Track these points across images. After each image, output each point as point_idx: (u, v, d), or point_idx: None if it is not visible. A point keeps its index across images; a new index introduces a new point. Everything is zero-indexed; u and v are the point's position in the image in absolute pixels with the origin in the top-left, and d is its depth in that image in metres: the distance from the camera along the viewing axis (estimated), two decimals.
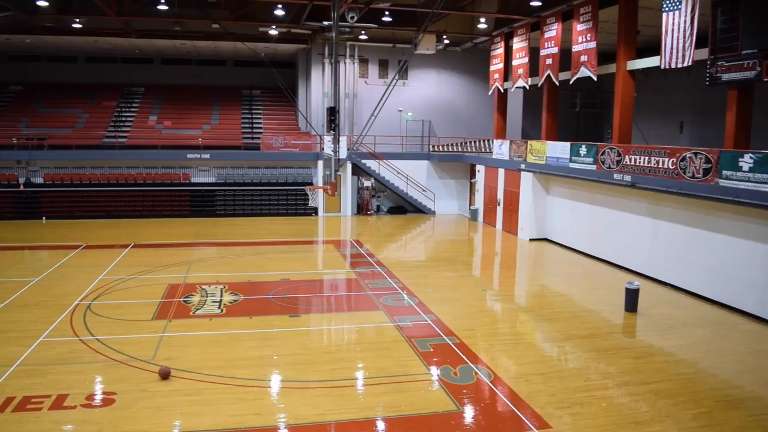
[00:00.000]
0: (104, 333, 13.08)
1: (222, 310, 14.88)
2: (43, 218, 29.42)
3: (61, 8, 26.88)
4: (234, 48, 33.80)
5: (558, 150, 22.81)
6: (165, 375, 10.63)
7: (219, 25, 26.82)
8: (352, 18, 24.49)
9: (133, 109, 35.66)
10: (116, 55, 36.94)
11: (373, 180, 31.82)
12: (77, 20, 28.04)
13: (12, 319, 14.19)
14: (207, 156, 30.99)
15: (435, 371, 11.13)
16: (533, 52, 26.14)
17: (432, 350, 12.18)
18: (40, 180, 30.50)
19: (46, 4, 25.24)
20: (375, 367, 11.33)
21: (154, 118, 34.92)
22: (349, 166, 30.89)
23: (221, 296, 16.11)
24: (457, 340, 12.74)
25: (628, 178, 18.58)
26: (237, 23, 28.17)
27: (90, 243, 23.61)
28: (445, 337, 12.93)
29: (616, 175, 19.18)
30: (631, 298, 15.12)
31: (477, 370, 11.15)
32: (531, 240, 24.75)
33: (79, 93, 36.11)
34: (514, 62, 27.57)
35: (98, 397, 10.02)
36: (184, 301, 15.57)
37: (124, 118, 34.67)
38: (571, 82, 23.30)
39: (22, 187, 29.85)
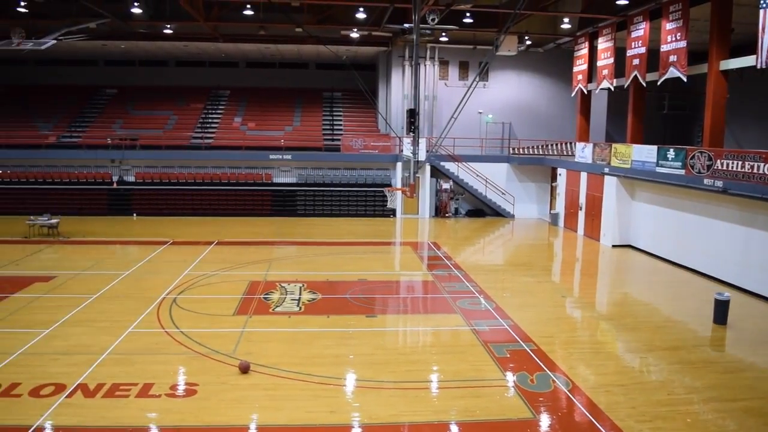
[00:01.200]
0: (188, 326, 13.60)
1: (300, 308, 15.19)
2: (134, 215, 30.89)
3: (154, 15, 28.11)
4: (316, 51, 34.45)
5: (644, 154, 22.04)
6: (245, 369, 10.95)
7: (302, 29, 27.38)
8: (433, 20, 24.47)
9: (219, 111, 36.90)
10: (204, 59, 38.33)
11: (451, 182, 31.70)
12: (168, 26, 29.27)
13: (104, 309, 14.97)
14: (288, 157, 31.73)
15: (511, 377, 10.98)
16: (619, 53, 25.39)
17: (508, 356, 12.02)
18: (131, 178, 32.06)
19: (140, 11, 26.48)
20: (450, 370, 11.29)
21: (239, 120, 36.01)
22: (428, 168, 30.89)
23: (300, 294, 16.44)
24: (534, 347, 12.52)
25: (719, 183, 17.75)
26: (319, 27, 28.68)
27: (176, 239, 24.59)
28: (522, 343, 12.74)
29: (706, 181, 18.35)
30: (721, 310, 14.41)
31: (554, 378, 10.93)
32: (614, 246, 24.02)
33: (169, 96, 37.68)
34: (599, 63, 26.85)
35: (181, 387, 10.43)
36: (264, 298, 15.98)
37: (210, 120, 35.92)
38: (658, 83, 22.49)
39: (115, 185, 31.45)
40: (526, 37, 30.69)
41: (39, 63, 38.66)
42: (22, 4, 24.23)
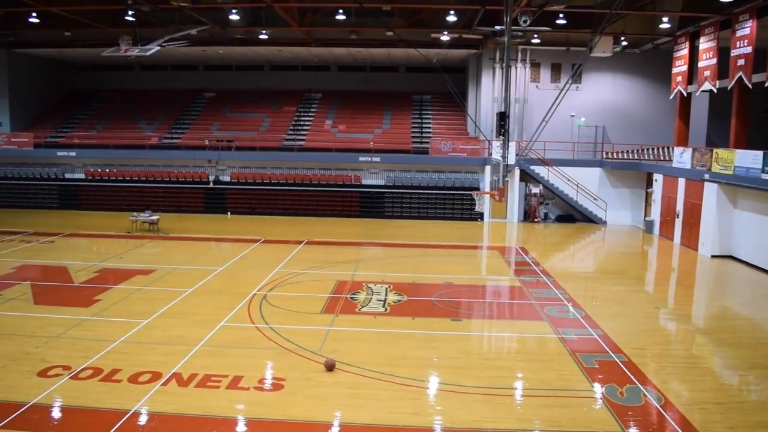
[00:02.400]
0: (277, 322, 13.99)
1: (386, 309, 15.31)
2: (228, 213, 32.09)
3: (251, 21, 29.12)
4: (406, 54, 34.64)
5: (749, 159, 20.83)
6: (330, 367, 11.15)
7: (393, 33, 27.61)
8: (524, 22, 24.09)
9: (310, 114, 37.73)
10: (297, 63, 39.32)
11: (541, 187, 31.09)
12: (264, 32, 30.24)
13: (199, 303, 15.64)
14: (377, 159, 32.08)
15: (599, 389, 10.66)
16: (722, 53, 24.13)
17: (597, 366, 11.67)
18: (227, 178, 33.32)
19: (237, 18, 27.48)
20: (536, 378, 11.08)
21: (330, 123, 36.70)
22: (517, 171, 30.44)
23: (386, 295, 16.57)
24: (625, 359, 12.08)
25: None
26: (410, 30, 28.84)
27: (268, 238, 25.34)
28: (612, 354, 12.33)
29: None
30: None
31: (646, 392, 10.52)
32: (713, 257, 22.83)
33: (263, 99, 38.87)
34: (700, 64, 25.63)
35: (268, 381, 10.74)
36: (351, 298, 16.22)
37: (302, 123, 36.79)
38: (766, 85, 21.22)
39: (211, 185, 32.76)
40: (622, 38, 29.70)
41: (144, 68, 40.87)
42: (130, 13, 25.67)
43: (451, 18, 27.30)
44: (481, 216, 31.23)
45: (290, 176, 32.80)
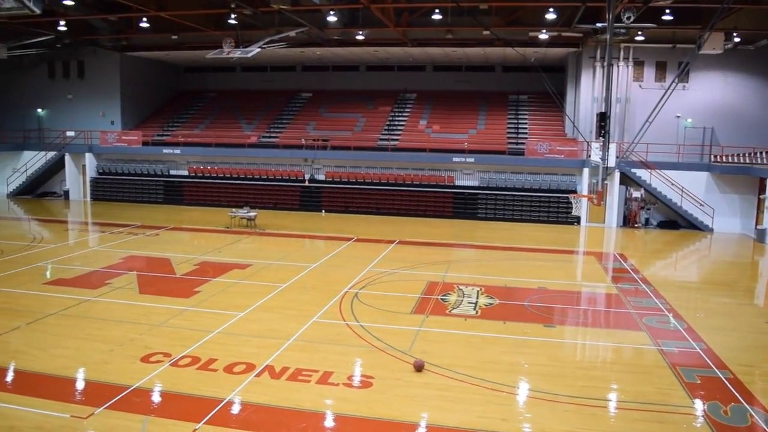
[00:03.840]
0: (367, 320, 14.08)
1: (477, 312, 15.12)
2: (323, 211, 32.70)
3: (347, 22, 29.53)
4: (503, 53, 34.15)
5: None
6: (419, 367, 11.10)
7: (490, 32, 27.26)
8: (628, 18, 23.19)
9: (405, 114, 37.87)
10: (392, 63, 39.56)
11: (642, 191, 29.81)
12: (360, 33, 30.60)
13: (292, 298, 16.00)
14: (471, 160, 31.78)
15: (701, 406, 10.06)
16: None
17: (699, 382, 11.03)
18: (322, 177, 33.98)
19: (335, 19, 27.94)
20: (632, 390, 10.60)
21: (424, 123, 36.69)
22: (617, 174, 29.32)
23: (477, 298, 16.37)
24: (730, 375, 11.35)
25: None
26: (507, 29, 28.37)
27: (360, 236, 25.61)
28: (716, 370, 11.62)
29: None
30: None
31: (753, 413, 9.83)
32: None
33: (358, 99, 39.36)
34: None
35: (357, 378, 10.82)
36: (442, 299, 16.12)
37: (396, 123, 36.98)
38: None
39: (307, 183, 33.49)
40: (735, 34, 27.98)
41: (245, 69, 42.35)
42: (233, 16, 26.62)
43: (551, 16, 26.63)
44: (577, 220, 30.33)
45: (384, 176, 33.04)
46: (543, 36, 29.48)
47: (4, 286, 16.76)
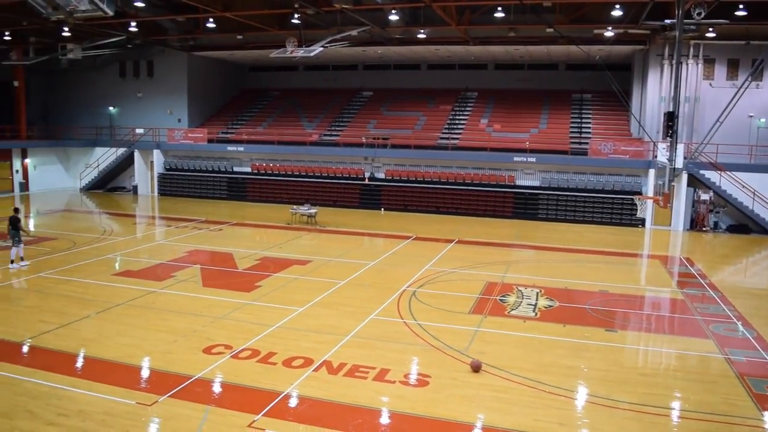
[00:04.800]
0: (425, 319, 14.09)
1: (536, 314, 14.92)
2: (382, 209, 32.83)
3: (409, 21, 29.54)
4: (566, 51, 33.52)
5: None
6: (476, 368, 11.04)
7: (553, 29, 26.80)
8: (699, 14, 22.40)
9: (466, 113, 37.63)
10: (454, 62, 39.36)
11: (711, 193, 28.76)
12: (422, 31, 30.56)
13: (350, 295, 16.16)
14: (533, 160, 31.35)
15: None
16: None
17: None
18: (381, 175, 34.12)
19: (396, 18, 27.99)
20: (695, 400, 10.26)
21: (485, 122, 36.38)
22: (684, 176, 28.37)
23: (536, 300, 16.15)
24: None
25: None
26: (571, 26, 27.82)
27: (419, 235, 25.61)
28: None
29: None
30: None
31: None
32: None
33: (419, 97, 39.33)
34: None
35: (414, 377, 10.85)
36: (500, 300, 15.97)
37: (457, 121, 36.78)
38: None
39: (367, 181, 33.68)
40: None
41: (307, 68, 42.92)
42: (296, 16, 27.01)
43: (617, 12, 25.95)
44: (642, 222, 29.51)
45: (443, 175, 32.93)
46: (608, 33, 28.76)
47: (77, 276, 17.51)
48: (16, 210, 19.53)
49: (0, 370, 10.62)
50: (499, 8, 26.94)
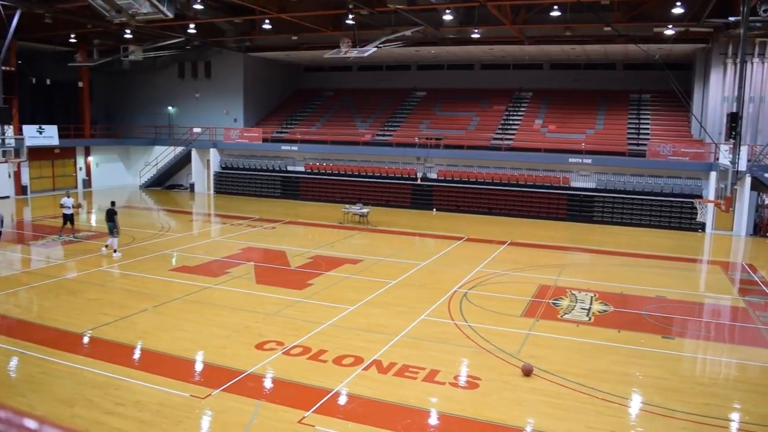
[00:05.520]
0: (475, 321, 13.99)
1: (590, 318, 14.64)
2: (434, 210, 32.73)
3: (463, 21, 29.37)
4: (624, 50, 32.77)
5: None
6: (528, 372, 10.90)
7: (611, 28, 26.24)
8: (765, 11, 21.61)
9: (520, 113, 37.19)
10: (508, 61, 38.95)
11: None
12: (476, 31, 30.34)
13: (401, 295, 16.18)
14: (589, 161, 30.75)
15: None
16: None
17: None
18: (434, 175, 34.01)
19: (451, 18, 27.86)
20: (758, 413, 9.89)
21: (540, 122, 35.88)
22: (747, 179, 27.37)
23: (591, 304, 15.85)
24: None
25: None
26: (630, 25, 27.20)
27: (471, 236, 25.44)
28: None
29: None
30: None
31: None
32: None
33: (473, 98, 39.06)
34: None
35: (463, 378, 10.78)
36: (553, 303, 15.73)
37: (511, 122, 36.39)
38: None
39: (419, 181, 33.64)
40: None
41: (361, 69, 43.12)
42: (350, 17, 27.19)
43: (678, 10, 25.24)
44: (702, 227, 28.61)
45: (496, 176, 32.62)
46: (669, 32, 27.99)
47: (136, 270, 18.03)
48: (113, 203, 20.93)
49: (62, 360, 11.03)
50: (556, 7, 26.51)
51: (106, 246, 20.10)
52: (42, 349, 11.54)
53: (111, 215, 19.97)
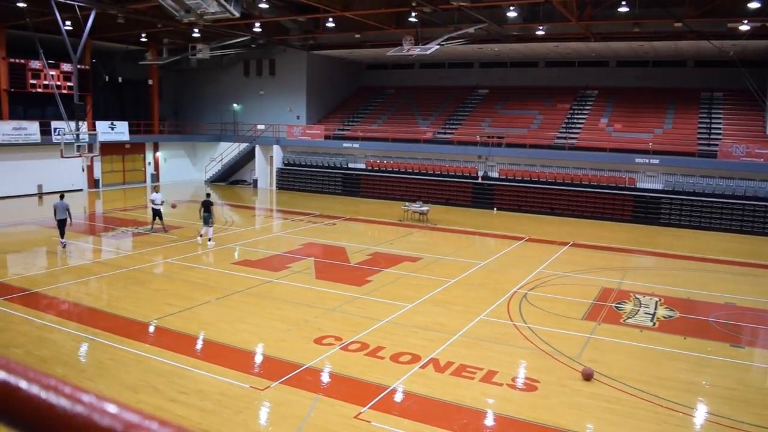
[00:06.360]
0: (535, 322, 13.79)
1: (654, 324, 14.22)
2: (494, 209, 32.42)
3: (527, 18, 28.94)
4: (696, 47, 31.61)
5: None
6: (588, 376, 10.68)
7: (682, 24, 25.37)
8: None
9: (585, 112, 36.40)
10: (573, 59, 38.17)
11: None
12: (540, 28, 29.84)
13: (460, 294, 16.09)
14: (656, 161, 29.84)
15: None
16: None
17: None
18: (495, 174, 33.67)
19: (515, 14, 27.50)
20: None
21: (605, 121, 35.03)
22: None
23: (655, 309, 15.39)
24: None
25: None
26: (702, 20, 26.24)
27: (532, 236, 25.08)
28: None
29: None
30: None
31: None
32: None
33: (536, 96, 38.46)
34: None
35: (521, 381, 10.64)
36: (616, 307, 15.35)
37: (575, 120, 35.66)
38: None
39: (480, 180, 33.37)
40: None
41: (423, 66, 43.03)
42: (413, 14, 27.17)
43: (754, 5, 24.19)
44: None
45: (559, 175, 32.03)
46: (744, 27, 26.86)
47: (201, 263, 18.55)
48: (208, 195, 22.23)
49: (129, 347, 11.44)
50: (623, 2, 25.82)
51: (201, 234, 21.45)
52: (111, 336, 12.01)
53: (208, 206, 21.15)
